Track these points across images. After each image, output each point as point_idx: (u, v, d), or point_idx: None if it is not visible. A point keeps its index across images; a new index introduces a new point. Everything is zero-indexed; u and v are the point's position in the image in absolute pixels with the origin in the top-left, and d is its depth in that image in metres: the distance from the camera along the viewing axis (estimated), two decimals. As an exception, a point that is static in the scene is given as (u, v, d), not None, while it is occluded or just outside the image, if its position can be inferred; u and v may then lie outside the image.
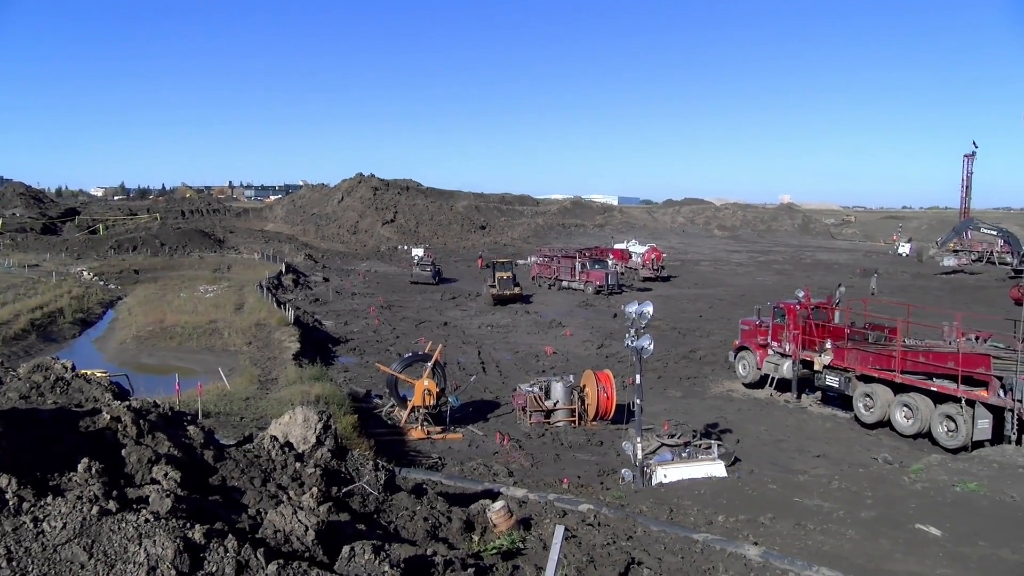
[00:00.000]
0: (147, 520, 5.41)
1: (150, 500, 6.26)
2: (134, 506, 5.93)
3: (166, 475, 7.33)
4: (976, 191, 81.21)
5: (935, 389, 22.54)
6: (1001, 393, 21.14)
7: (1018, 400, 20.54)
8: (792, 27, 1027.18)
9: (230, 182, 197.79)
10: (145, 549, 5.15)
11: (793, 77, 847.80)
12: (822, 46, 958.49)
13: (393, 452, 19.37)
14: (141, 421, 8.42)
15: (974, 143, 75.89)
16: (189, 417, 10.93)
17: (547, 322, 44.17)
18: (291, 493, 8.11)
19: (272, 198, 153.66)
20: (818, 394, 27.22)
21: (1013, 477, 15.80)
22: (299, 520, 6.35)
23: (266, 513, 6.72)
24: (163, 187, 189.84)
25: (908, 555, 10.94)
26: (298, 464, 8.99)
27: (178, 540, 5.26)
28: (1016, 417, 20.61)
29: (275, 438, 9.57)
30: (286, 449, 9.37)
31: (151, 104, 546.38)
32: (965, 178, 75.94)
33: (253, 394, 23.70)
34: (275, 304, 43.53)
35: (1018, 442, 20.38)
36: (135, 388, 18.98)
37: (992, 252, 78.57)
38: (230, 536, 5.61)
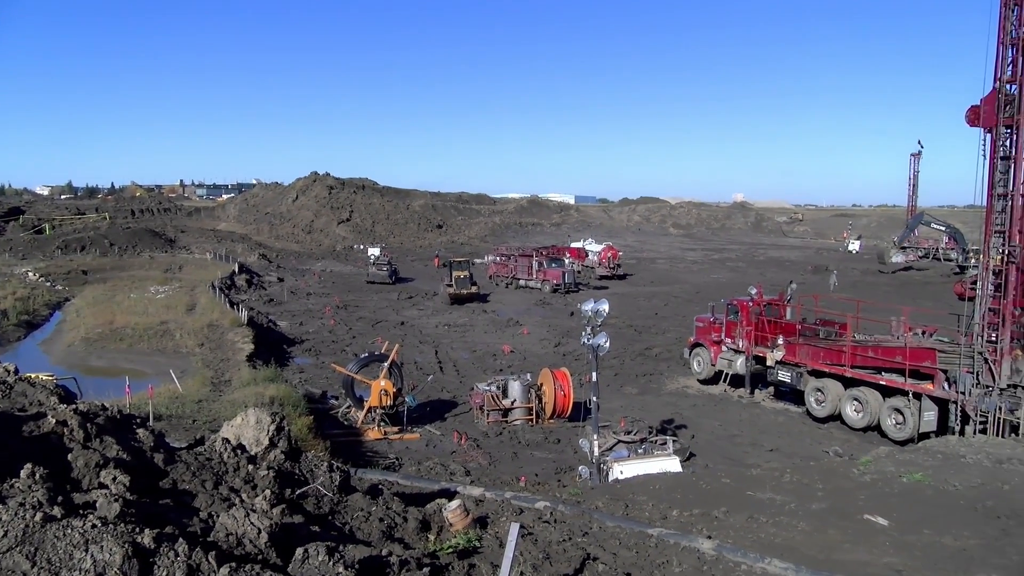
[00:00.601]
0: (94, 525, 5.30)
1: (97, 505, 6.13)
2: (81, 512, 5.80)
3: (114, 479, 7.18)
4: (923, 189, 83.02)
5: (884, 383, 23.09)
6: (946, 386, 21.74)
7: (961, 393, 21.15)
8: (742, 29, 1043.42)
9: (181, 181, 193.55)
10: (92, 555, 5.04)
11: (745, 78, 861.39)
12: (773, 48, 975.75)
13: (349, 453, 19.24)
14: (88, 425, 8.24)
15: (919, 143, 77.47)
16: (139, 420, 10.71)
17: (504, 321, 44.24)
18: (244, 496, 8.00)
19: (225, 197, 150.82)
20: (771, 389, 27.69)
21: (956, 467, 16.25)
22: (252, 523, 6.27)
23: (218, 516, 6.63)
24: (112, 186, 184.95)
25: (857, 545, 11.19)
26: (251, 466, 8.88)
27: (126, 545, 5.16)
28: (959, 409, 21.23)
29: (227, 440, 9.44)
30: (238, 451, 9.24)
31: (99, 100, 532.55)
32: (912, 176, 77.54)
33: (206, 396, 23.36)
34: (228, 305, 42.91)
35: (961, 433, 20.99)
36: (84, 391, 18.56)
37: (937, 248, 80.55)
38: (181, 540, 5.52)
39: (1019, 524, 12.06)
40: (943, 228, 71.65)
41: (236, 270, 61.08)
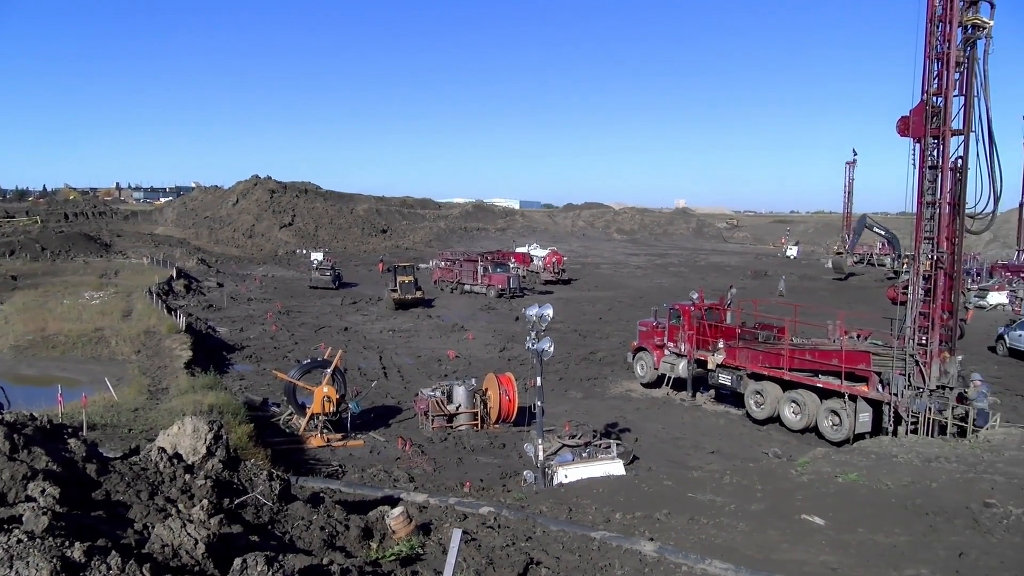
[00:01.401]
0: (19, 540, 5.12)
1: (24, 519, 5.94)
2: (5, 526, 5.61)
3: (43, 491, 6.95)
4: (857, 196, 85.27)
5: (821, 385, 23.65)
6: (879, 388, 22.38)
7: (894, 394, 21.80)
8: (684, 40, 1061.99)
9: (117, 183, 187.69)
10: (16, 572, 4.88)
11: (687, 87, 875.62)
12: (714, 59, 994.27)
13: (291, 461, 18.96)
14: (16, 436, 7.97)
15: (854, 151, 79.54)
16: (71, 430, 10.40)
17: (449, 326, 44.14)
18: (180, 506, 7.83)
19: (162, 200, 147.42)
20: (712, 392, 28.13)
21: (888, 466, 16.74)
22: (188, 533, 6.14)
23: (154, 527, 6.47)
24: (44, 188, 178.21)
25: (795, 544, 11.44)
26: (188, 476, 8.69)
27: (55, 560, 5.00)
28: (892, 410, 21.88)
29: (163, 449, 9.22)
30: (175, 461, 9.03)
31: (29, 99, 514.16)
32: (847, 184, 79.57)
33: (142, 405, 22.75)
34: (166, 311, 41.84)
35: (894, 433, 21.63)
36: (12, 401, 17.90)
37: (872, 254, 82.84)
38: (113, 552, 5.37)
39: (945, 521, 12.49)
40: (883, 233, 73.34)
41: (174, 275, 59.62)
